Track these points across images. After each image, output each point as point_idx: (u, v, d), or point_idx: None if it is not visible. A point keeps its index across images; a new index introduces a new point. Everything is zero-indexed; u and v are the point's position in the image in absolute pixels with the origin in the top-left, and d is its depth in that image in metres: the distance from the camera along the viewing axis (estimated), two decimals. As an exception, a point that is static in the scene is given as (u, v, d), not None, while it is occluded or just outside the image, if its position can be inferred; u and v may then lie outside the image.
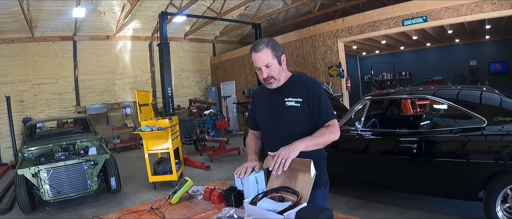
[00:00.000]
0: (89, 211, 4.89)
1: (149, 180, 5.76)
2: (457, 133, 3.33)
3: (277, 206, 1.53)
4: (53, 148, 5.49)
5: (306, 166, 1.56)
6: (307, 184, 1.55)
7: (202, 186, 2.17)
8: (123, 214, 1.84)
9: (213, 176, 6.45)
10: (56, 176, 4.67)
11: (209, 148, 8.72)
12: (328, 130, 1.79)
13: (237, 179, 1.77)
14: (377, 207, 4.07)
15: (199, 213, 1.77)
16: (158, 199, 2.02)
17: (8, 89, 9.35)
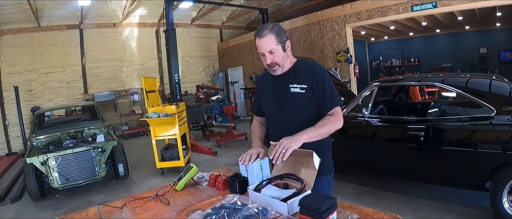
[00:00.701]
0: (97, 198, 4.96)
1: (157, 166, 5.81)
2: (465, 122, 3.26)
3: (281, 193, 1.51)
4: (61, 136, 5.54)
5: (309, 156, 1.54)
6: (312, 172, 1.53)
7: (208, 173, 2.16)
8: (128, 201, 1.84)
9: (220, 161, 6.48)
10: (65, 163, 4.73)
11: (216, 134, 8.74)
12: (331, 119, 1.75)
13: (241, 165, 1.75)
14: (384, 194, 4.04)
15: (203, 200, 1.76)
16: (163, 186, 2.02)
17: (16, 79, 9.42)
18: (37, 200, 4.85)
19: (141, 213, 1.67)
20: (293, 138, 1.58)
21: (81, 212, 1.77)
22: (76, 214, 1.75)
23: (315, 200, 1.26)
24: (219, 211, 1.37)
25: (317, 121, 1.74)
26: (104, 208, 1.76)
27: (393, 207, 3.66)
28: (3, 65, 9.37)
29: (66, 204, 4.78)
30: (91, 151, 4.94)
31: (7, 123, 9.34)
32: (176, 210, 1.67)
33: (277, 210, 1.41)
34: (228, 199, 1.51)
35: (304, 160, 1.58)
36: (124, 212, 1.70)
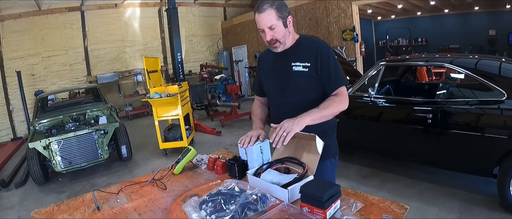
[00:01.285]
0: (101, 180, 4.97)
1: (160, 147, 5.78)
2: (474, 105, 3.13)
3: (282, 179, 1.43)
4: (63, 120, 5.51)
5: (312, 139, 1.44)
6: (314, 156, 1.44)
7: (207, 155, 2.09)
8: (124, 186, 1.78)
9: (224, 141, 6.43)
10: (67, 147, 4.70)
11: (220, 113, 8.68)
12: (335, 100, 1.64)
13: (241, 148, 1.67)
14: (388, 177, 3.97)
15: (201, 184, 1.69)
16: (161, 170, 1.95)
17: (18, 64, 9.36)
18: (41, 184, 4.86)
19: (137, 199, 1.61)
20: (295, 120, 1.48)
21: (77, 198, 1.72)
22: (72, 201, 1.69)
23: (317, 187, 1.17)
24: (216, 197, 1.30)
25: (321, 101, 1.63)
26: (100, 194, 1.70)
27: (397, 190, 3.60)
28: (5, 50, 9.31)
29: (70, 187, 4.78)
30: (93, 134, 4.91)
31: (11, 108, 9.36)
32: (173, 195, 1.60)
33: (277, 197, 1.33)
34: (226, 185, 1.43)
35: (307, 143, 1.49)
36: (119, 198, 1.64)
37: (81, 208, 1.58)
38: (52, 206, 1.63)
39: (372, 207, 1.29)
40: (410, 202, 3.30)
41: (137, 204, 1.55)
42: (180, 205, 1.42)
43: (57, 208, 1.61)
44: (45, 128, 5.30)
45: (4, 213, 4.05)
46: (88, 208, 1.57)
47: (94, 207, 1.55)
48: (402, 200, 3.38)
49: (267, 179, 1.44)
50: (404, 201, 3.35)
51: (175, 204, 1.50)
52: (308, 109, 1.57)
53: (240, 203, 1.24)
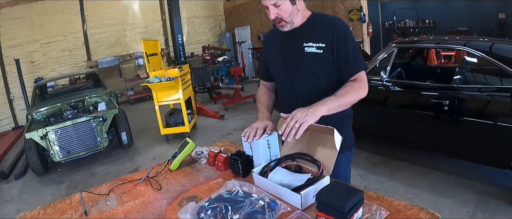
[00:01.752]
0: (100, 169, 4.83)
1: (161, 132, 5.61)
2: (493, 92, 2.89)
3: (293, 179, 1.23)
4: (61, 107, 5.33)
5: (329, 133, 1.24)
6: (331, 153, 1.23)
7: (207, 148, 1.89)
8: (116, 185, 1.60)
9: (228, 125, 6.25)
10: (65, 136, 4.54)
11: (224, 96, 8.46)
12: (354, 86, 1.42)
13: (245, 142, 1.47)
14: (398, 165, 3.77)
15: (200, 183, 1.50)
16: (156, 166, 1.76)
17: (17, 51, 9.15)
18: (41, 174, 4.73)
19: (129, 201, 1.43)
20: (309, 109, 1.26)
21: (65, 200, 1.54)
22: (59, 203, 1.52)
23: (337, 194, 0.97)
24: (217, 204, 1.11)
25: (337, 88, 1.42)
26: (89, 195, 1.52)
27: (408, 180, 3.41)
28: (3, 38, 9.09)
29: (69, 177, 4.65)
30: (92, 121, 4.74)
31: (12, 97, 9.21)
32: (169, 197, 1.41)
33: (288, 202, 1.13)
34: (228, 187, 1.25)
35: (322, 137, 1.29)
36: (110, 200, 1.46)
37: (68, 211, 1.41)
38: (38, 210, 1.47)
39: (399, 214, 1.09)
40: (422, 193, 3.13)
41: (128, 207, 1.37)
42: (176, 210, 1.24)
43: (43, 212, 1.45)
44: (43, 117, 5.13)
45: (3, 207, 3.93)
46: (76, 212, 1.39)
47: (82, 211, 1.38)
48: (414, 191, 3.22)
49: (276, 180, 1.24)
50: (416, 191, 3.19)
51: (170, 208, 1.31)
52: (323, 96, 1.35)
53: (245, 211, 1.05)
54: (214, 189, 1.40)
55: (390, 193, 3.20)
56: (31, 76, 9.47)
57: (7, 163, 5.46)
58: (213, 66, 8.72)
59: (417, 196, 3.11)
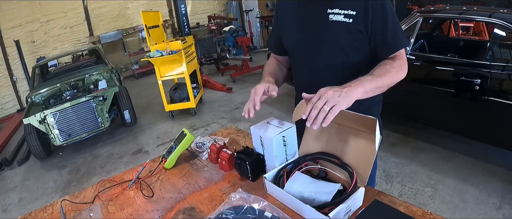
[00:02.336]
0: (103, 150, 4.65)
1: (165, 109, 5.36)
2: None
3: (317, 191, 0.94)
4: (61, 88, 5.08)
5: (366, 126, 0.93)
6: (368, 154, 0.94)
7: (209, 138, 1.61)
8: (102, 190, 1.34)
9: (236, 99, 5.96)
10: (64, 118, 4.31)
11: (231, 67, 8.10)
12: (394, 65, 1.10)
13: (254, 137, 1.17)
14: (420, 146, 3.47)
15: (200, 189, 1.22)
16: (150, 162, 1.50)
17: (17, 32, 8.84)
18: (44, 159, 4.57)
19: (115, 212, 1.17)
20: (343, 90, 0.93)
21: (46, 208, 1.30)
22: (41, 212, 1.28)
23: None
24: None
25: (369, 67, 1.11)
26: (71, 205, 1.27)
27: (431, 163, 3.12)
28: (2, 20, 8.75)
29: (71, 160, 4.47)
30: (91, 102, 4.49)
31: (15, 79, 9.01)
32: (161, 207, 1.15)
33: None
34: (233, 200, 0.97)
35: (355, 132, 0.99)
36: (93, 210, 1.21)
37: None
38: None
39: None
40: (446, 179, 2.85)
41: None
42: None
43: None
44: (42, 99, 4.89)
45: (6, 196, 3.79)
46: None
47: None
48: (437, 176, 2.90)
49: (295, 192, 0.96)
50: (440, 177, 2.88)
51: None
52: (351, 78, 1.03)
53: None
54: (216, 198, 1.13)
55: (411, 178, 2.94)
56: (33, 56, 9.21)
57: (10, 148, 5.30)
58: (220, 36, 8.33)
59: (440, 182, 2.83)
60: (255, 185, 1.16)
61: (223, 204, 0.99)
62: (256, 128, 1.14)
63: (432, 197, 2.66)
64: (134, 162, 4.10)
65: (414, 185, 2.84)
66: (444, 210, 2.47)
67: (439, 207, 2.52)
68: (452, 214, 2.42)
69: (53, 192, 3.66)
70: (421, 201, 2.61)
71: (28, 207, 3.43)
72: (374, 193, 1.00)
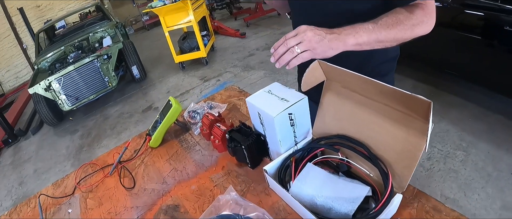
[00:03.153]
0: (114, 110, 4.52)
1: (175, 60, 5.08)
2: None
3: (335, 195, 0.67)
4: (65, 50, 4.84)
5: (414, 109, 0.63)
6: (412, 150, 0.65)
7: (202, 107, 1.34)
8: (84, 177, 1.15)
9: (249, 45, 5.57)
10: (69, 82, 4.12)
11: (244, 11, 7.57)
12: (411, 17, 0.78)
13: (252, 113, 0.90)
14: (451, 101, 3.04)
15: (187, 178, 0.98)
16: (135, 138, 1.27)
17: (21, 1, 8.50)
18: (56, 125, 4.48)
19: (93, 208, 0.98)
20: (327, 35, 0.73)
21: (30, 200, 1.12)
22: (24, 205, 1.11)
23: None
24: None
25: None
26: (49, 200, 1.09)
27: (463, 122, 2.72)
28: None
29: (83, 124, 4.37)
30: (95, 61, 4.26)
31: (25, 47, 8.83)
32: (141, 204, 0.93)
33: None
34: (221, 204, 0.72)
35: (397, 117, 0.68)
36: (72, 204, 1.04)
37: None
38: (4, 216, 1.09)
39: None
40: (479, 143, 2.48)
41: None
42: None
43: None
44: (48, 65, 4.70)
45: (22, 168, 3.75)
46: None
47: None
48: (469, 137, 2.46)
49: (306, 197, 0.70)
50: (472, 139, 2.45)
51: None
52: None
53: None
54: (205, 193, 0.89)
55: (441, 138, 2.59)
56: (40, 21, 8.90)
57: (26, 117, 5.25)
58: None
59: (473, 145, 2.48)
60: (256, 174, 0.91)
61: (211, 207, 0.75)
62: (253, 100, 0.86)
63: (464, 162, 2.35)
64: (144, 120, 3.95)
65: (444, 147, 2.52)
66: (476, 179, 2.17)
67: (470, 175, 2.23)
68: (484, 184, 2.13)
69: (65, 160, 3.59)
70: (451, 167, 2.31)
71: (42, 178, 3.39)
72: (412, 193, 0.73)
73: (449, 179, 2.19)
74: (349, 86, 0.76)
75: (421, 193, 0.74)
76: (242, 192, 0.86)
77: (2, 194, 3.34)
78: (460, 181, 2.16)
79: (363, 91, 0.72)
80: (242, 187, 0.88)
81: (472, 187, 2.09)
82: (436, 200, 0.71)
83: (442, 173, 2.25)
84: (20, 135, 4.55)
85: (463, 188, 2.10)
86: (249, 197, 0.83)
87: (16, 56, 8.76)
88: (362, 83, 0.70)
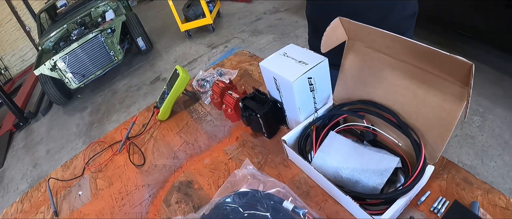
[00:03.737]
0: (122, 83, 4.48)
1: (181, 29, 4.95)
2: None
3: (363, 167, 0.61)
4: (68, 28, 4.74)
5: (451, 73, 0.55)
6: (447, 117, 0.57)
7: (212, 70, 1.27)
8: (92, 156, 1.10)
9: (257, 9, 5.33)
10: (75, 60, 4.06)
11: None
12: None
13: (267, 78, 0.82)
14: (467, 63, 2.89)
15: (200, 151, 0.93)
16: (143, 111, 1.22)
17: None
18: (65, 104, 4.48)
19: (104, 188, 0.94)
20: None
21: (40, 184, 1.08)
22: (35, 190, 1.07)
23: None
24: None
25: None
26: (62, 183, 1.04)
27: (479, 86, 2.56)
28: None
29: (91, 100, 4.36)
30: (99, 36, 4.17)
31: (28, 29, 8.71)
32: (152, 182, 0.89)
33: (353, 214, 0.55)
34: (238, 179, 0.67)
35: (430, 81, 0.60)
36: (82, 186, 1.01)
37: (42, 207, 0.98)
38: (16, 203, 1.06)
39: None
40: (496, 108, 2.36)
41: (101, 204, 0.90)
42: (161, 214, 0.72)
43: (21, 206, 1.04)
44: (52, 44, 4.62)
45: (35, 150, 3.79)
46: (48, 208, 0.97)
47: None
48: (486, 102, 2.38)
49: (330, 168, 0.63)
50: (489, 104, 2.33)
51: (153, 209, 0.79)
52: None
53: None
54: (219, 167, 0.84)
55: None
56: (41, 1, 8.76)
57: (35, 99, 5.25)
58: None
59: (489, 111, 2.37)
60: (273, 145, 0.85)
61: (227, 182, 0.70)
62: (267, 64, 0.78)
63: (481, 128, 2.26)
64: (152, 92, 3.92)
65: (460, 112, 2.42)
66: (493, 146, 2.09)
67: (487, 141, 2.14)
68: (501, 151, 2.05)
69: (76, 138, 3.61)
70: (468, 132, 2.23)
71: (55, 158, 3.42)
72: (441, 163, 0.66)
73: (466, 145, 2.12)
74: (374, 45, 0.67)
75: (451, 163, 0.67)
76: (259, 164, 0.80)
77: (18, 177, 3.40)
78: (477, 147, 2.09)
79: (390, 51, 0.64)
80: (259, 159, 0.82)
81: (489, 154, 2.02)
82: (467, 172, 0.65)
83: (459, 139, 2.18)
84: (31, 117, 4.57)
85: (480, 155, 2.04)
86: (266, 170, 0.77)
87: (20, 39, 8.69)
88: (390, 42, 0.62)
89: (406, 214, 0.59)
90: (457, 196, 0.60)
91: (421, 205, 0.60)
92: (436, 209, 0.58)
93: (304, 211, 0.58)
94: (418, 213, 0.59)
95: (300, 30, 3.98)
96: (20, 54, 8.69)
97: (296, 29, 4.05)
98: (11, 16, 8.45)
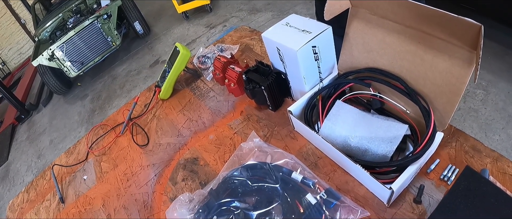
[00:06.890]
0: (121, 69, 4.45)
1: (178, 11, 4.88)
2: None
3: (371, 135, 0.60)
4: (64, 16, 4.67)
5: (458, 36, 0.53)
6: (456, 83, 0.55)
7: (213, 47, 1.25)
8: (96, 140, 1.09)
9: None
10: (72, 48, 4.01)
11: None
12: None
13: (270, 49, 0.80)
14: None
15: (204, 127, 0.92)
16: (144, 92, 1.20)
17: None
18: (65, 93, 4.46)
19: (108, 171, 0.93)
20: None
21: (45, 172, 1.08)
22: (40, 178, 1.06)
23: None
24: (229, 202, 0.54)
25: None
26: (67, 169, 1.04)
27: (483, 60, 2.47)
28: None
29: (92, 87, 4.33)
30: (96, 22, 4.11)
31: (23, 21, 8.58)
32: (157, 161, 0.88)
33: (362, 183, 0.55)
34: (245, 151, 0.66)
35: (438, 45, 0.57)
36: (87, 170, 1.00)
37: (48, 195, 0.98)
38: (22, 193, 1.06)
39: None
40: (499, 82, 2.33)
41: (107, 186, 0.89)
42: (167, 192, 0.72)
43: (27, 196, 1.03)
44: (48, 34, 4.56)
45: (38, 141, 3.78)
46: (54, 195, 0.97)
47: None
48: (489, 76, 2.36)
49: (338, 137, 0.62)
50: (492, 77, 2.29)
51: (159, 188, 0.79)
52: None
53: None
54: (225, 142, 0.83)
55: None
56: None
57: (35, 90, 5.23)
58: None
59: (492, 84, 2.33)
60: (279, 117, 0.84)
61: (233, 156, 0.69)
62: (270, 35, 0.76)
63: (484, 101, 2.23)
64: (152, 75, 3.90)
65: (463, 85, 2.39)
66: (497, 120, 2.07)
67: (491, 115, 2.12)
68: (505, 125, 2.03)
69: (79, 126, 3.61)
70: (472, 106, 2.21)
71: (59, 147, 3.43)
72: (449, 131, 0.65)
73: (470, 119, 2.11)
74: (378, 11, 0.65)
75: (459, 131, 0.66)
76: (265, 137, 0.79)
77: (23, 170, 3.42)
78: (480, 120, 2.08)
79: (395, 16, 0.61)
80: (265, 132, 0.81)
81: (493, 127, 2.01)
82: (475, 139, 0.64)
83: (462, 112, 2.16)
84: (32, 109, 4.56)
85: (483, 128, 2.03)
86: (273, 143, 0.76)
87: (16, 32, 8.59)
88: (395, 7, 0.59)
89: (416, 182, 0.58)
90: (466, 164, 0.59)
91: (431, 173, 0.59)
92: (446, 177, 0.57)
93: (314, 181, 0.57)
94: (428, 182, 0.58)
95: (299, 6, 3.91)
96: (17, 47, 8.61)
97: (295, 6, 3.98)
98: (5, 9, 8.32)
